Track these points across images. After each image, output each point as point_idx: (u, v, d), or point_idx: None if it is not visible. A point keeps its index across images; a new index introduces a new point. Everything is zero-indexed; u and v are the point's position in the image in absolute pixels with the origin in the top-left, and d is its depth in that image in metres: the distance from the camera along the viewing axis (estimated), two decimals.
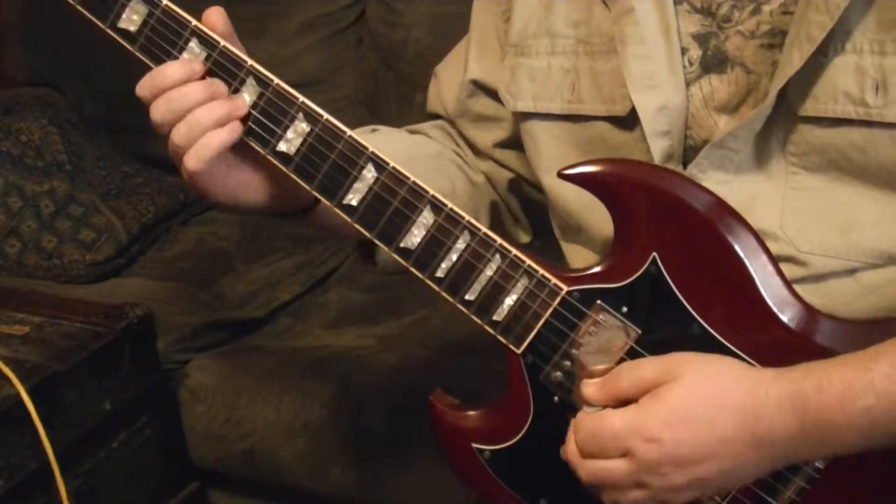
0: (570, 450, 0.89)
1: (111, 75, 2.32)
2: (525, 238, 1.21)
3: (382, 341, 1.83)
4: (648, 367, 0.87)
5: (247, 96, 0.94)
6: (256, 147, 0.95)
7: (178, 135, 0.92)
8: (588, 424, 0.87)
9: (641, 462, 0.83)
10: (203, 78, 0.94)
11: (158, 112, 0.92)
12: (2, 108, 2.31)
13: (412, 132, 1.20)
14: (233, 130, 0.93)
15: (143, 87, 0.93)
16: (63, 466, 1.52)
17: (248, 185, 0.98)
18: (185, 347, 1.85)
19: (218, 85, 0.93)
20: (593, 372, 0.91)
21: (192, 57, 0.94)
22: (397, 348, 1.79)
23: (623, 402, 0.87)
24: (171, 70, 0.93)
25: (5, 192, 2.14)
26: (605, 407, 0.88)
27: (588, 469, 0.87)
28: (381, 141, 0.97)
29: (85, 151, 2.28)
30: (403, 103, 2.12)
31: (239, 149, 0.95)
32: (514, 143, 1.12)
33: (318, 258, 2.13)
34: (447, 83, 1.18)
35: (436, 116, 1.21)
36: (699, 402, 0.83)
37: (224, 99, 0.93)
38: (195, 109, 0.92)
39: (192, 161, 0.92)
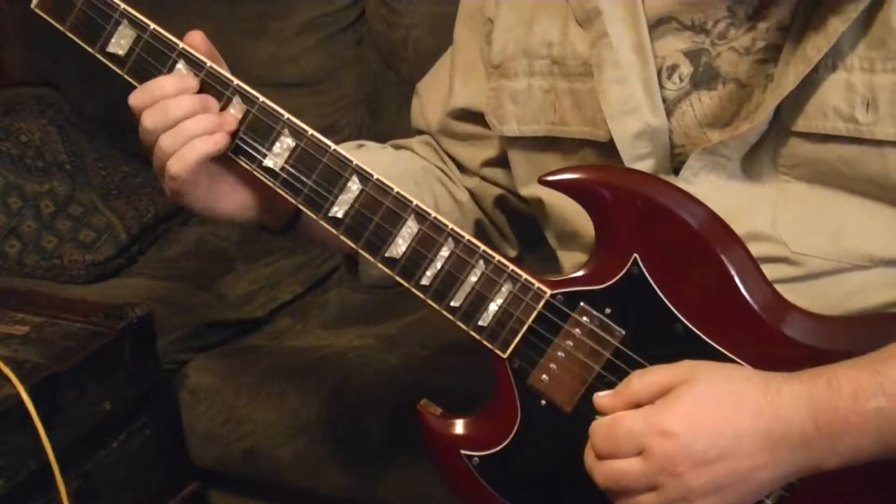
0: (588, 457, 0.88)
1: (111, 75, 2.31)
2: (511, 253, 1.21)
3: (382, 341, 1.82)
4: (661, 372, 0.87)
5: (233, 114, 0.97)
6: (244, 163, 0.97)
7: (165, 140, 0.94)
8: (604, 426, 0.87)
9: (656, 459, 0.82)
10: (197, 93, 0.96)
11: (151, 119, 0.95)
12: (2, 108, 2.31)
13: (398, 147, 1.21)
14: (218, 141, 0.95)
15: (137, 97, 0.96)
16: (63, 466, 1.51)
17: (228, 199, 1.00)
18: (185, 347, 1.85)
19: (210, 100, 0.96)
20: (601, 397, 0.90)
21: (187, 73, 0.96)
22: (397, 348, 1.79)
23: (636, 407, 0.86)
24: (166, 81, 0.95)
25: (5, 192, 2.13)
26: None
27: (603, 471, 0.86)
28: (366, 157, 0.99)
29: (85, 151, 2.28)
30: (403, 103, 2.10)
31: (223, 163, 0.98)
32: (503, 160, 1.12)
33: (318, 258, 2.13)
34: (429, 101, 1.18)
35: (420, 132, 1.22)
36: (715, 399, 0.83)
37: (214, 113, 0.96)
38: (186, 119, 0.94)
39: (176, 165, 0.94)
